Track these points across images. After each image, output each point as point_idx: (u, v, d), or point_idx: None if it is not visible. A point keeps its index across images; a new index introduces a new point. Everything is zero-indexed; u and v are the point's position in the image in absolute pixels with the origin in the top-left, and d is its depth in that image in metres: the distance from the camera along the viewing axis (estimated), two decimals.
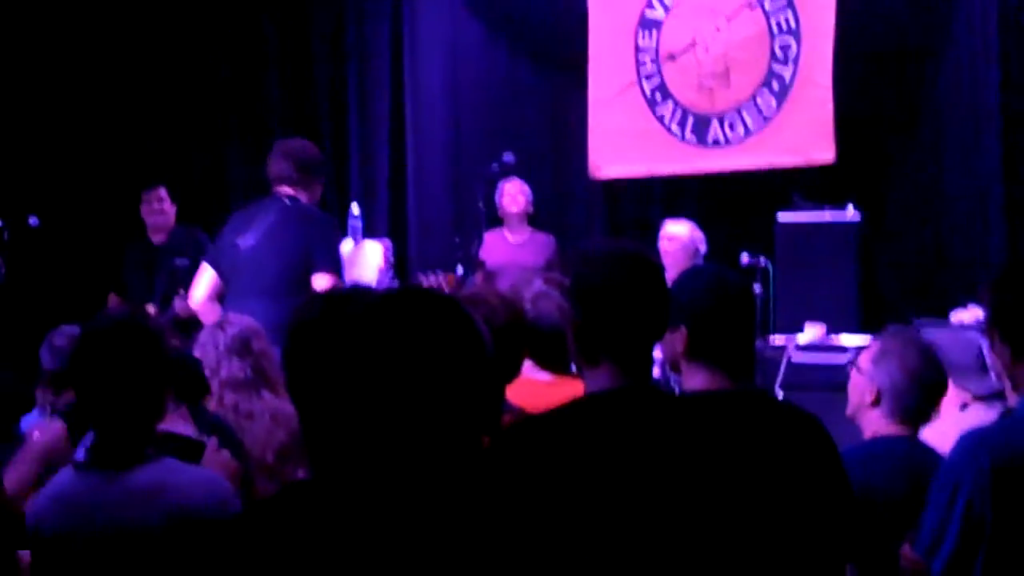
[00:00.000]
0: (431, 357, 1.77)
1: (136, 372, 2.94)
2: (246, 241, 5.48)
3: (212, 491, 2.99)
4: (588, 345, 2.59)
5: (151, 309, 7.02)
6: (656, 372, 4.25)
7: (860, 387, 3.53)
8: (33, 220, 7.35)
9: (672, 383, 4.27)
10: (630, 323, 2.55)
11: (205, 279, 5.59)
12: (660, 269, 2.66)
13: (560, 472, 2.44)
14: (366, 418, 1.77)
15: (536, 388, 3.51)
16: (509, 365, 3.28)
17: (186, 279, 7.18)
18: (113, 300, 7.49)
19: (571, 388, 2.84)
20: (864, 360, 3.56)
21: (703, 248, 7.03)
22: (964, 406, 4.10)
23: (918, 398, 3.48)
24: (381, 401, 1.77)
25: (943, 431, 4.09)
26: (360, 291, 2.12)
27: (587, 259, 2.67)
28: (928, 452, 3.46)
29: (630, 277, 2.58)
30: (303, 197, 5.61)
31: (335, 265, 5.47)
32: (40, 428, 4.24)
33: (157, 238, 7.46)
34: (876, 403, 3.50)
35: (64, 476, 3.03)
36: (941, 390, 3.55)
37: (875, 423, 3.50)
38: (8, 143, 8.60)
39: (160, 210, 7.42)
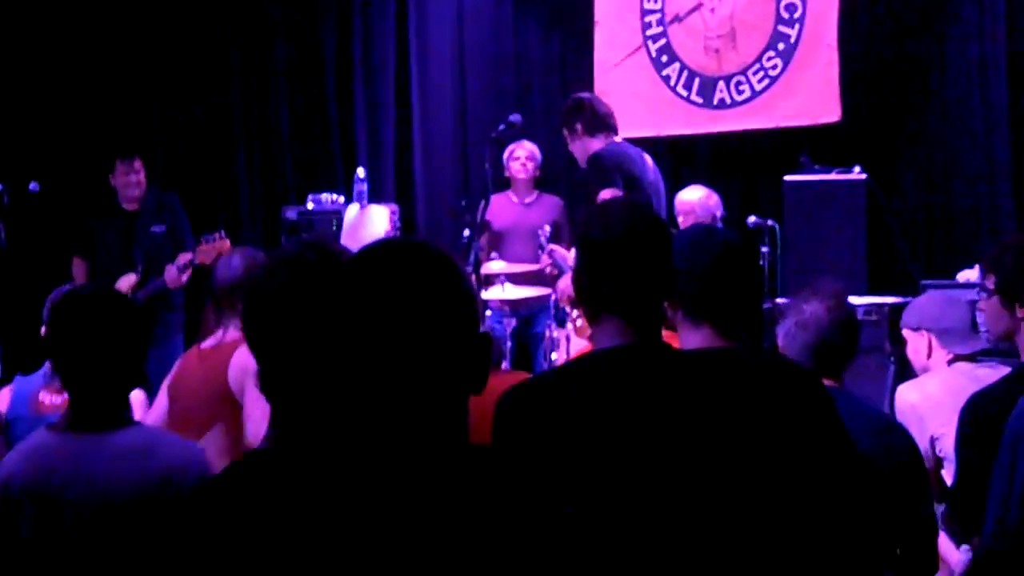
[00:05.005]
0: (416, 309, 1.68)
1: (111, 337, 2.99)
2: (654, 175, 6.25)
3: (191, 456, 3.03)
4: (592, 300, 2.59)
5: (132, 278, 7.06)
6: None
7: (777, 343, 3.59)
8: (33, 186, 7.36)
9: None
10: (631, 277, 2.54)
11: None
12: (663, 224, 2.65)
13: (562, 429, 2.45)
14: (348, 376, 1.69)
15: None
16: None
17: (164, 246, 7.22)
18: (78, 265, 7.48)
19: None
20: None
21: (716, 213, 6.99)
22: (952, 361, 4.18)
23: (811, 345, 3.48)
24: (364, 357, 1.67)
25: (929, 387, 4.15)
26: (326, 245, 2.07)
27: (591, 214, 2.68)
28: (847, 402, 3.45)
29: (631, 231, 2.56)
30: None
31: None
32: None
33: (130, 207, 7.46)
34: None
35: (38, 437, 3.05)
36: (836, 338, 3.51)
37: None
38: (10, 109, 8.61)
39: (137, 181, 7.43)
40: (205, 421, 3.90)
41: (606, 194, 5.96)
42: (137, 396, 4.64)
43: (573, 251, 6.50)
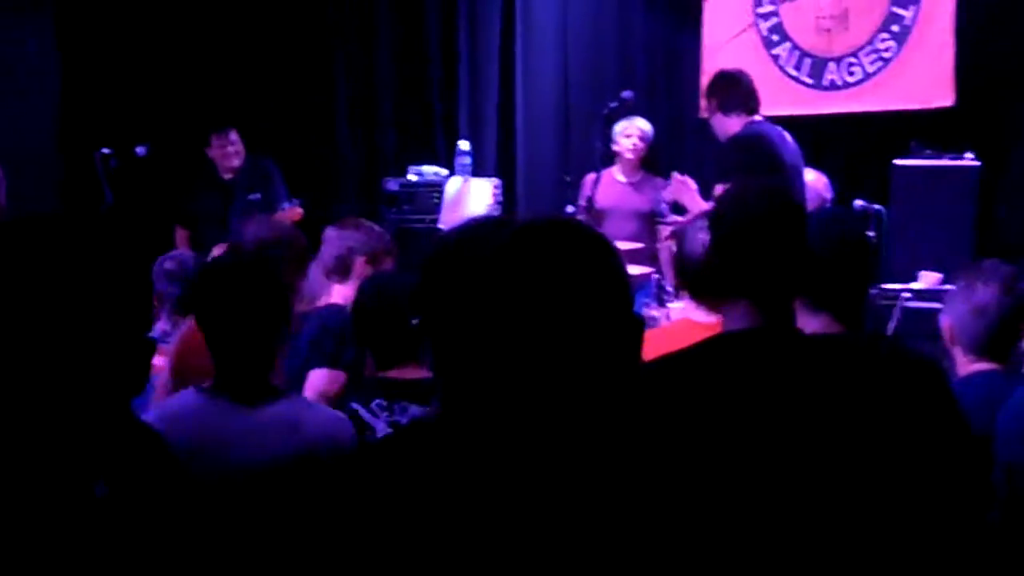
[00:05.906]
0: (579, 290, 1.67)
1: (260, 306, 3.02)
2: (794, 155, 6.15)
3: (341, 431, 3.05)
4: (722, 282, 2.57)
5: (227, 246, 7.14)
6: None
7: (942, 328, 3.51)
8: (141, 149, 7.47)
9: None
10: (763, 260, 2.52)
11: None
12: (799, 208, 2.64)
13: (688, 412, 2.43)
14: (510, 353, 1.67)
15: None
16: None
17: (259, 214, 7.28)
18: (180, 233, 7.59)
19: None
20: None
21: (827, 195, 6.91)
22: None
23: (986, 330, 3.41)
24: (526, 335, 1.65)
25: None
26: (497, 222, 2.07)
27: (729, 195, 2.67)
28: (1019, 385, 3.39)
29: (766, 213, 2.55)
30: None
31: None
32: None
33: (228, 176, 7.55)
34: (954, 342, 3.48)
35: (188, 399, 3.06)
36: (1014, 321, 3.44)
37: (961, 362, 3.47)
38: (120, 73, 8.72)
39: (235, 152, 7.53)
40: None
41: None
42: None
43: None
